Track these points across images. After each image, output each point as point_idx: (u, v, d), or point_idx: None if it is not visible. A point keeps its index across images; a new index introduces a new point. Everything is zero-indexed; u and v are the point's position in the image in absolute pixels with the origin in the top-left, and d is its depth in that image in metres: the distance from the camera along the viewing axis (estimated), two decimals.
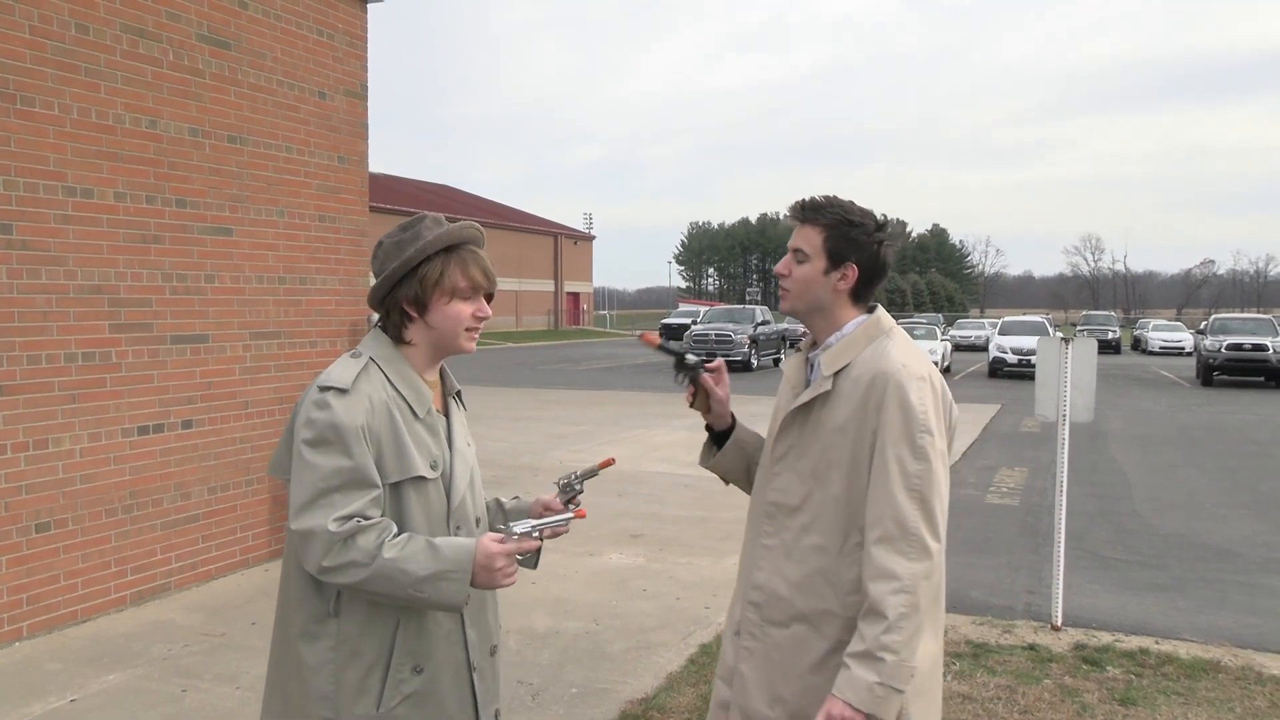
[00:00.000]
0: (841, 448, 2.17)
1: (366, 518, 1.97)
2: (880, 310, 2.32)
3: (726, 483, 2.61)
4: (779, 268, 2.33)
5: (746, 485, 2.53)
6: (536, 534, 2.08)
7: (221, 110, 6.27)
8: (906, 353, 2.20)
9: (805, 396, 2.24)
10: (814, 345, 2.36)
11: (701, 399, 2.54)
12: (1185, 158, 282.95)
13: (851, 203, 2.28)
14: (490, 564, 1.99)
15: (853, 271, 2.24)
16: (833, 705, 2.05)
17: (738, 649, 2.33)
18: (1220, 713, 4.48)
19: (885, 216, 2.31)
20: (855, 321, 2.28)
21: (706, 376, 2.50)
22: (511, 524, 2.08)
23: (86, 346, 5.50)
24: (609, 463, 2.45)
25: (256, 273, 6.57)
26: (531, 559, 2.16)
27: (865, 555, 2.10)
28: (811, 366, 2.34)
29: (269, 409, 6.68)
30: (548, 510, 2.31)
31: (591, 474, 2.38)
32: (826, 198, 2.28)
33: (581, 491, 2.35)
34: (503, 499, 2.46)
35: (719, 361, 2.55)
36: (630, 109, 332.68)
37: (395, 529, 2.01)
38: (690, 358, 2.52)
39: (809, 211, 2.27)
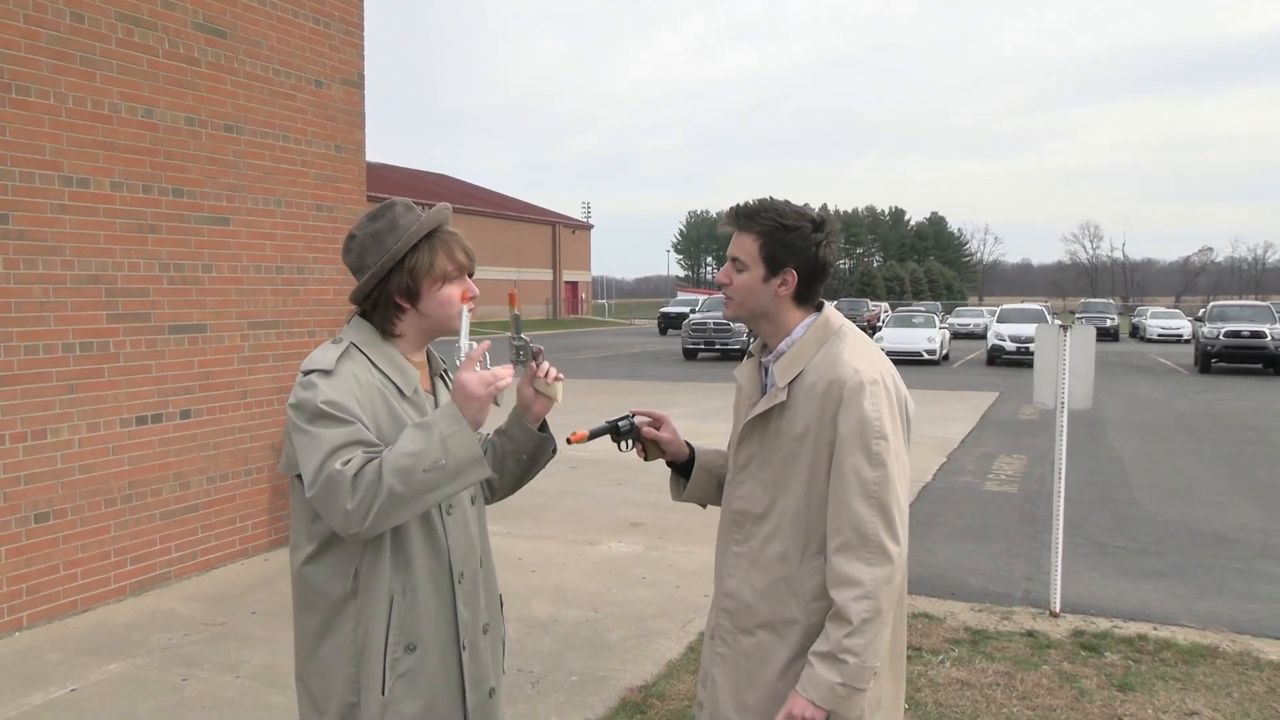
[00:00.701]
0: (801, 456, 2.17)
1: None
2: (828, 309, 2.29)
3: (704, 506, 2.61)
4: (720, 276, 2.30)
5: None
6: (469, 342, 2.02)
7: (218, 99, 6.25)
8: (858, 354, 2.17)
9: (761, 407, 2.23)
10: (764, 349, 2.34)
11: (653, 450, 2.59)
12: (1184, 145, 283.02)
13: (787, 205, 2.23)
14: (471, 395, 1.95)
15: (792, 277, 2.20)
16: (795, 702, 2.08)
17: (712, 654, 2.35)
18: (1218, 698, 4.50)
19: (823, 214, 2.25)
20: (804, 324, 2.25)
21: (646, 429, 2.56)
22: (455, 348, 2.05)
23: (84, 336, 5.49)
24: (512, 296, 2.28)
25: (254, 262, 6.56)
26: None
27: (828, 563, 2.11)
28: (766, 372, 2.32)
29: (267, 398, 6.68)
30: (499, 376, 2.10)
31: (516, 321, 2.21)
32: (761, 202, 2.23)
33: (526, 343, 2.21)
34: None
35: (644, 413, 2.59)
36: (628, 98, 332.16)
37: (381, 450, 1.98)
38: (621, 424, 2.57)
39: (743, 219, 2.23)
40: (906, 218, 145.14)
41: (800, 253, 2.19)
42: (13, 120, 5.10)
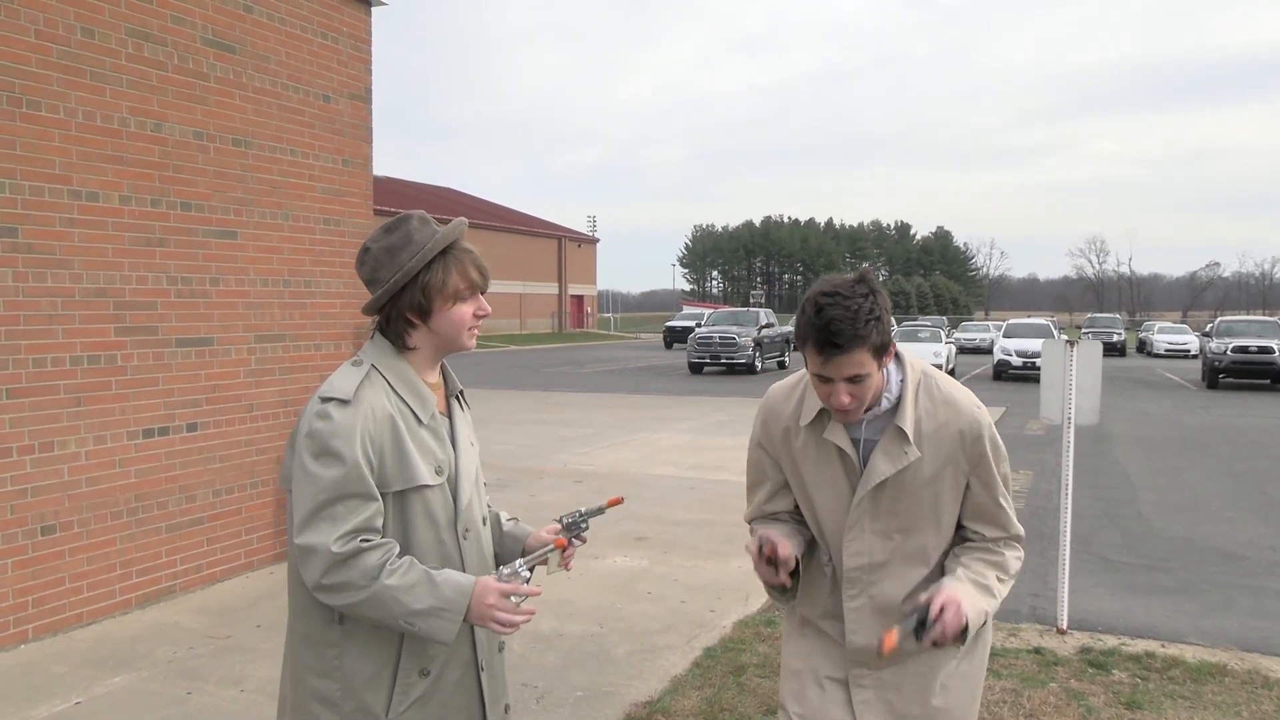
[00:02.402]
0: (929, 498, 2.30)
1: (369, 535, 1.96)
2: (903, 351, 2.31)
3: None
4: (843, 402, 2.15)
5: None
6: (526, 572, 2.07)
7: (226, 114, 6.28)
8: (965, 395, 2.34)
9: (889, 469, 2.24)
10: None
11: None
12: (1190, 159, 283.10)
13: (851, 297, 2.09)
14: (484, 599, 1.99)
15: (893, 347, 2.21)
16: (955, 598, 2.15)
17: (855, 704, 2.37)
18: (1227, 717, 4.47)
19: (861, 272, 2.18)
20: (892, 375, 2.28)
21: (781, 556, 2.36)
22: (501, 567, 2.09)
23: (92, 349, 5.51)
24: (616, 501, 2.40)
25: (261, 276, 6.58)
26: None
27: (991, 545, 2.37)
28: (852, 427, 2.29)
29: (274, 412, 6.69)
30: (540, 541, 2.30)
31: (598, 512, 2.34)
32: (841, 317, 2.07)
33: (586, 529, 2.29)
34: (502, 515, 2.40)
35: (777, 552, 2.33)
36: (632, 112, 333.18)
37: (398, 550, 2.00)
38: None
39: (853, 342, 2.08)
40: (912, 232, 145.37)
41: (887, 324, 2.16)
42: (23, 134, 5.13)
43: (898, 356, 2.29)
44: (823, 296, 2.10)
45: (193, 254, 6.09)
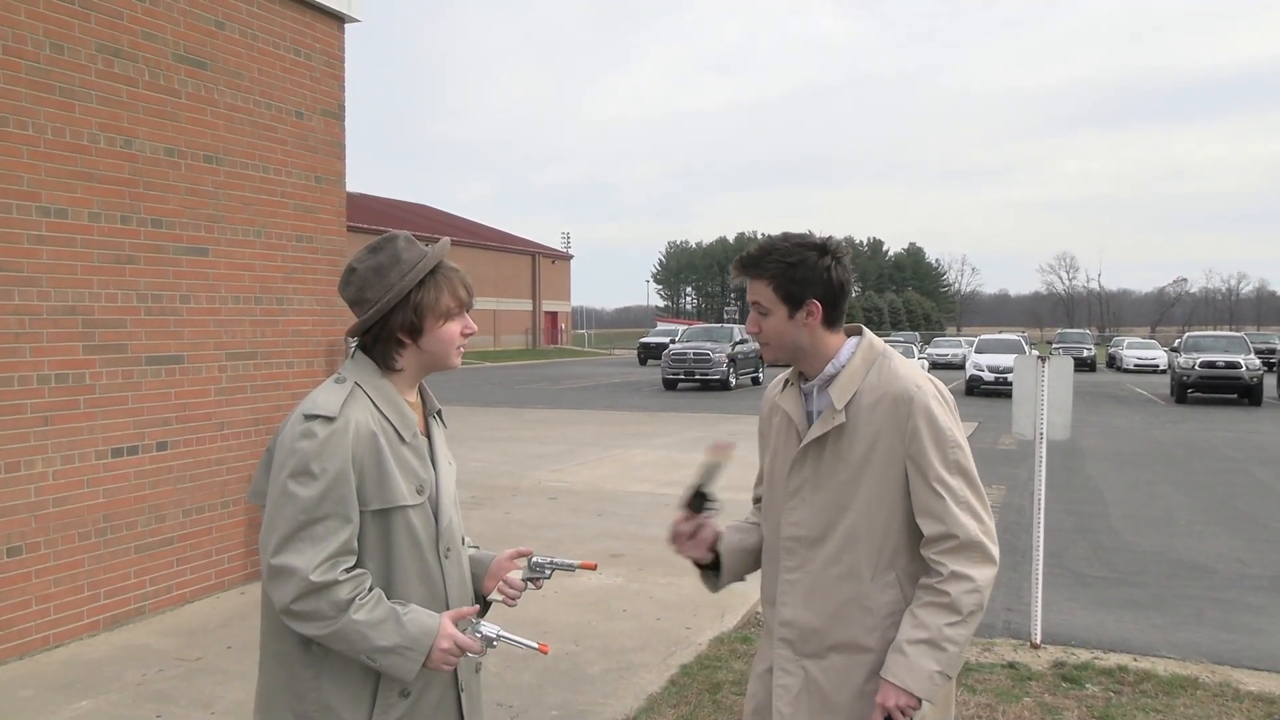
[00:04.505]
0: (865, 475, 2.21)
1: (346, 558, 1.96)
2: (868, 333, 2.35)
3: (743, 578, 2.56)
4: (748, 328, 2.35)
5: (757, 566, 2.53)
6: (487, 629, 2.10)
7: (198, 130, 6.24)
8: (911, 370, 2.26)
9: (817, 431, 2.26)
10: (802, 376, 2.36)
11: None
12: (1157, 177, 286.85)
13: (786, 240, 2.27)
14: (439, 644, 2.00)
15: (815, 306, 2.25)
16: (889, 694, 2.11)
17: (774, 687, 2.33)
18: None
19: (826, 237, 2.31)
20: (849, 348, 2.30)
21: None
22: (478, 624, 2.10)
23: (60, 368, 5.44)
24: (590, 566, 2.41)
25: (233, 293, 6.53)
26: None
27: (935, 565, 2.17)
28: (807, 397, 2.34)
29: (245, 430, 6.62)
30: (507, 585, 2.32)
31: (568, 568, 2.35)
32: (762, 246, 2.29)
33: (548, 578, 2.33)
34: (466, 540, 2.39)
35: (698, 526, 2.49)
36: (606, 130, 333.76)
37: (370, 583, 1.99)
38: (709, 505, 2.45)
39: (751, 267, 2.28)
40: (885, 248, 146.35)
41: (815, 282, 2.24)
42: None
43: (863, 335, 2.33)
44: (775, 234, 2.33)
45: (163, 271, 6.03)
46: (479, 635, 2.07)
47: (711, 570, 2.52)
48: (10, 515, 5.18)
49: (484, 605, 2.34)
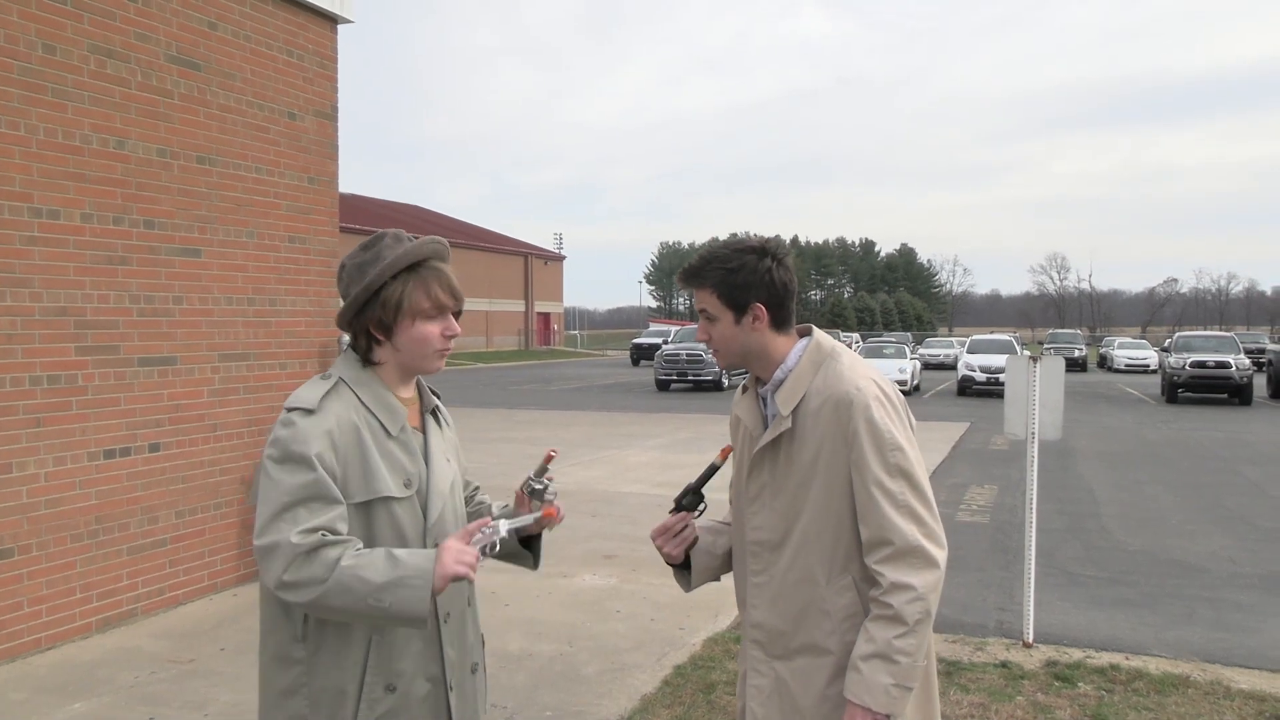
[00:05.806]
0: (814, 479, 2.20)
1: (333, 533, 1.95)
2: (817, 333, 2.34)
3: (718, 578, 2.57)
4: (698, 335, 2.36)
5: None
6: (506, 533, 2.07)
7: (190, 131, 6.23)
8: (856, 372, 2.23)
9: (768, 436, 2.26)
10: (759, 381, 2.37)
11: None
12: (1148, 178, 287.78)
13: (726, 246, 2.29)
14: (444, 555, 1.96)
15: (760, 310, 2.25)
16: (856, 713, 2.11)
17: (748, 688, 2.35)
18: None
19: (765, 239, 2.30)
20: (797, 351, 2.30)
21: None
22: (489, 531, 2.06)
23: (52, 369, 5.43)
24: (551, 456, 2.37)
25: (225, 294, 6.52)
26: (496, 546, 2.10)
27: (875, 575, 2.14)
28: (764, 402, 2.35)
29: (238, 431, 6.61)
30: (520, 510, 2.30)
31: (542, 471, 2.32)
32: (702, 256, 2.30)
33: (546, 488, 2.29)
34: (494, 506, 2.44)
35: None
36: (598, 131, 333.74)
37: (361, 545, 1.99)
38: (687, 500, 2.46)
39: (693, 278, 2.30)
40: (876, 249, 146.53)
41: (757, 285, 2.24)
42: None
43: (811, 336, 2.33)
44: (717, 242, 2.36)
45: (156, 272, 6.02)
46: (495, 539, 2.04)
47: (684, 569, 2.53)
48: (2, 517, 5.17)
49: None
